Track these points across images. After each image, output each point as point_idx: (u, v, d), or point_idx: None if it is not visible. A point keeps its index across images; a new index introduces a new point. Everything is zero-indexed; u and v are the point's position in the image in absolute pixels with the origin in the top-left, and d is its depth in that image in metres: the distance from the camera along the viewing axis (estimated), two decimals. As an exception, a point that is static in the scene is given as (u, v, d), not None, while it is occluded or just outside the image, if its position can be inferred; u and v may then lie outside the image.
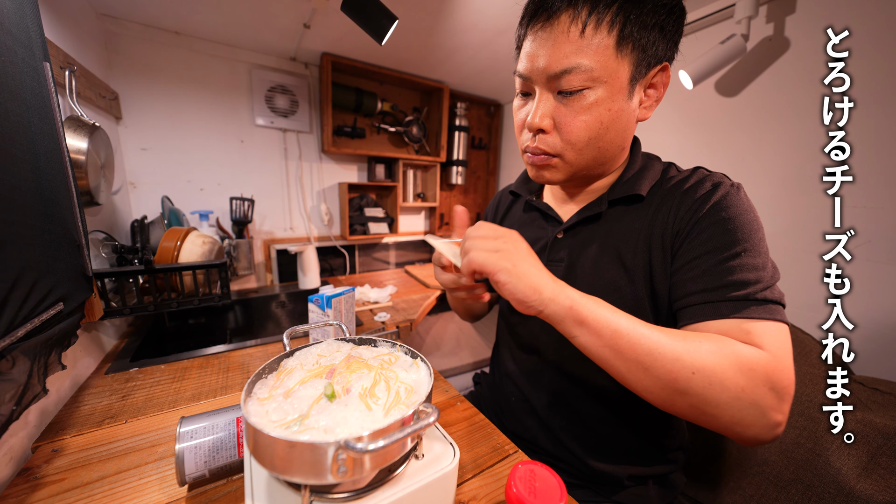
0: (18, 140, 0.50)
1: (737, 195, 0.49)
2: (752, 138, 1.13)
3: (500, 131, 2.29)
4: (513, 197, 0.79)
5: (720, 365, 0.39)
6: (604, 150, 0.53)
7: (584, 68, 0.46)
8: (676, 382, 0.40)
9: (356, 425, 0.33)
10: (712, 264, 0.46)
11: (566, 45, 0.47)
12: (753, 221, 0.48)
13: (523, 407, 0.69)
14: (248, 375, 0.82)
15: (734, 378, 0.39)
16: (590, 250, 0.59)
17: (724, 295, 0.44)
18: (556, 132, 0.52)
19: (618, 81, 0.48)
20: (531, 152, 0.56)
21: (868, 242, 0.91)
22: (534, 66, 0.50)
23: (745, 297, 0.44)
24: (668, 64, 0.51)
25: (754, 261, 0.45)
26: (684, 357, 0.39)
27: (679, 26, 0.50)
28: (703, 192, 0.51)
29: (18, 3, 0.54)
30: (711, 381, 0.39)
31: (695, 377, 0.39)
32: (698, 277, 0.47)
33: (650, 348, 0.40)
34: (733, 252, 0.46)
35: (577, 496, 0.61)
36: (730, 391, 0.39)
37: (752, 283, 0.44)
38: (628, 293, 0.55)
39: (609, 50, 0.46)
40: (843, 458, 0.65)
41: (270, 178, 1.62)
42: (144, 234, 1.09)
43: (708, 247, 0.47)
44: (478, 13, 1.19)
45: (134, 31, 1.23)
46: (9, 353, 0.47)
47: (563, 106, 0.50)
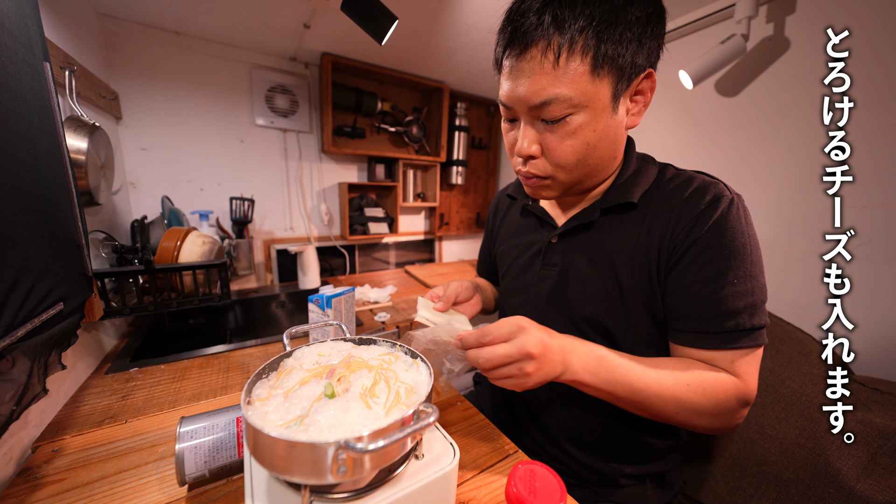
0: (18, 140, 0.50)
1: (736, 213, 0.49)
2: (752, 138, 1.13)
3: (499, 131, 2.29)
4: (510, 200, 0.80)
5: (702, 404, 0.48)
6: (594, 165, 0.53)
7: (562, 98, 0.46)
8: (664, 417, 0.50)
9: (356, 425, 0.33)
10: (707, 293, 0.49)
11: (542, 78, 0.46)
12: (748, 243, 0.49)
13: (522, 407, 0.69)
14: (248, 375, 0.82)
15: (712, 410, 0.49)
16: (582, 257, 0.60)
17: (719, 326, 0.49)
18: (544, 157, 0.53)
19: (599, 102, 0.47)
20: (524, 176, 0.56)
21: (868, 242, 0.91)
22: (514, 97, 0.50)
23: (736, 328, 0.48)
24: (652, 70, 0.50)
25: (745, 286, 0.49)
26: (672, 402, 0.48)
27: (659, 31, 0.49)
28: (703, 208, 0.50)
29: (18, 3, 0.54)
30: (691, 415, 0.49)
31: (678, 415, 0.49)
32: (695, 305, 0.50)
33: (642, 401, 0.49)
34: (727, 280, 0.48)
35: (576, 496, 0.61)
36: (706, 418, 0.49)
37: (741, 311, 0.48)
38: (618, 300, 0.56)
39: (585, 76, 0.45)
40: (843, 458, 0.65)
41: (270, 178, 1.62)
42: (144, 234, 1.09)
43: (703, 274, 0.50)
44: (478, 13, 1.19)
45: (134, 31, 1.23)
46: (9, 353, 0.47)
47: (548, 132, 0.50)
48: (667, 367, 0.49)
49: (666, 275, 0.52)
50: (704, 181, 0.53)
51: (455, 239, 2.33)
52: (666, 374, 0.48)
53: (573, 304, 0.60)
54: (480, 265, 0.93)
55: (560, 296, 0.61)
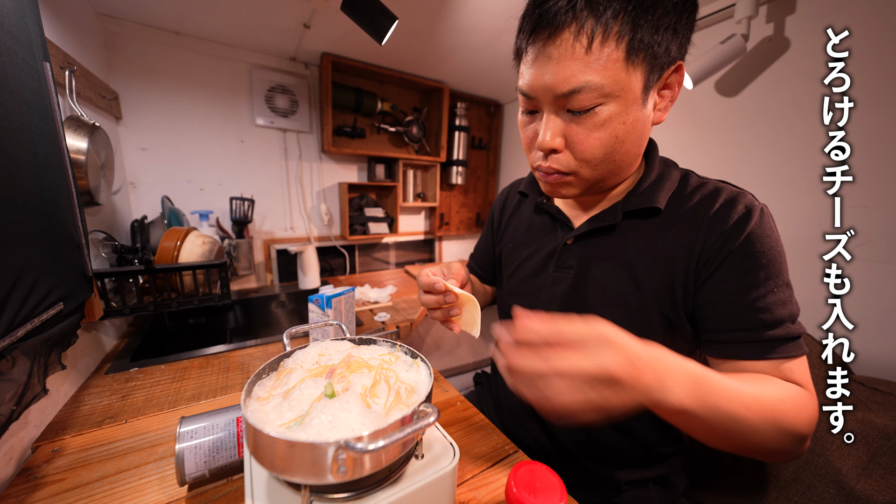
0: (18, 140, 0.50)
1: (768, 224, 0.49)
2: (752, 138, 1.13)
3: (500, 131, 2.29)
4: (521, 196, 0.76)
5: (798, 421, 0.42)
6: (619, 161, 0.51)
7: (593, 86, 0.43)
8: (758, 445, 0.42)
9: (356, 425, 0.33)
10: (749, 301, 0.47)
11: (572, 64, 0.43)
12: (781, 252, 0.48)
13: (522, 407, 0.69)
14: (248, 375, 0.82)
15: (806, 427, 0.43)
16: (601, 261, 0.57)
17: (764, 335, 0.46)
18: (568, 151, 0.50)
19: (630, 93, 0.45)
20: (544, 171, 0.53)
21: (868, 242, 0.91)
22: (538, 85, 0.47)
23: (785, 336, 0.46)
24: (681, 62, 0.48)
25: (785, 295, 0.47)
26: (772, 425, 0.41)
27: (692, 22, 0.47)
28: (736, 219, 0.48)
29: (18, 3, 0.54)
30: (787, 439, 0.42)
31: (773, 441, 0.42)
32: (738, 315, 0.48)
33: (734, 426, 0.39)
34: (768, 289, 0.47)
35: (577, 497, 0.61)
36: (797, 440, 0.43)
37: (786, 319, 0.46)
38: (637, 309, 0.54)
39: (619, 63, 0.43)
40: (843, 458, 0.65)
41: (270, 178, 1.62)
42: (144, 234, 1.09)
43: (743, 282, 0.47)
44: (478, 13, 1.18)
45: (134, 31, 1.23)
46: (9, 353, 0.47)
47: (574, 124, 0.47)
48: (751, 381, 0.44)
49: (698, 288, 0.50)
50: (733, 192, 0.51)
51: (455, 239, 2.33)
52: (761, 388, 0.42)
53: (589, 310, 0.57)
54: (475, 260, 0.87)
55: (575, 301, 0.59)
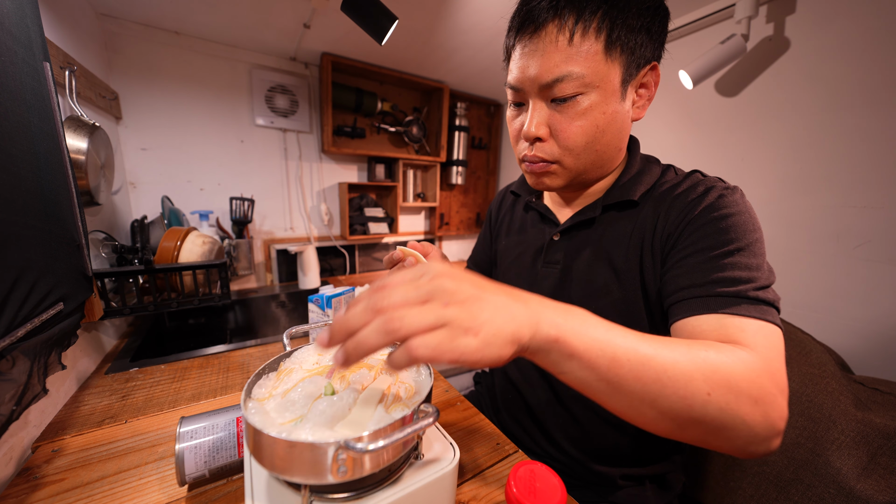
0: (18, 140, 0.50)
1: (732, 196, 0.48)
2: (752, 138, 1.13)
3: (500, 131, 2.29)
4: (514, 197, 0.79)
5: (734, 373, 0.34)
6: (601, 152, 0.54)
7: (575, 75, 0.47)
8: (690, 396, 0.33)
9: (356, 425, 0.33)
10: (702, 260, 0.45)
11: (555, 55, 0.47)
12: (749, 222, 0.46)
13: (521, 407, 0.69)
14: (248, 375, 0.82)
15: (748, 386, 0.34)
16: (584, 254, 0.60)
17: (713, 290, 0.42)
18: (552, 139, 0.53)
19: (610, 85, 0.49)
20: (529, 160, 0.56)
21: (868, 242, 0.91)
22: (525, 76, 0.51)
23: (737, 293, 0.41)
24: (657, 63, 0.52)
25: (748, 261, 0.43)
26: (698, 373, 0.33)
27: (664, 27, 0.51)
28: (695, 196, 0.50)
29: (18, 3, 0.54)
30: (726, 392, 0.33)
31: (711, 394, 0.33)
32: (687, 273, 0.46)
33: (657, 373, 0.33)
34: (726, 250, 0.44)
35: (576, 496, 0.61)
36: (746, 401, 0.34)
37: (745, 281, 0.42)
38: (619, 297, 0.55)
39: (598, 55, 0.47)
40: (843, 458, 0.65)
41: (270, 178, 1.62)
42: (144, 234, 1.09)
43: (699, 245, 0.46)
44: (478, 13, 1.18)
45: (134, 31, 1.23)
46: (9, 353, 0.47)
47: (557, 113, 0.51)
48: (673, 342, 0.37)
49: (663, 262, 0.51)
50: (702, 177, 0.54)
51: (455, 239, 2.33)
52: (676, 343, 0.36)
53: (575, 303, 0.57)
54: (474, 259, 0.90)
55: (562, 294, 0.61)
